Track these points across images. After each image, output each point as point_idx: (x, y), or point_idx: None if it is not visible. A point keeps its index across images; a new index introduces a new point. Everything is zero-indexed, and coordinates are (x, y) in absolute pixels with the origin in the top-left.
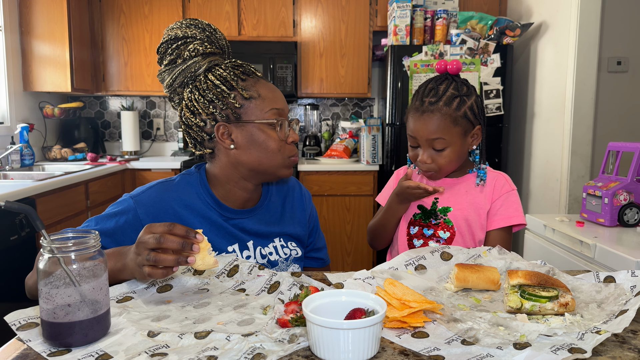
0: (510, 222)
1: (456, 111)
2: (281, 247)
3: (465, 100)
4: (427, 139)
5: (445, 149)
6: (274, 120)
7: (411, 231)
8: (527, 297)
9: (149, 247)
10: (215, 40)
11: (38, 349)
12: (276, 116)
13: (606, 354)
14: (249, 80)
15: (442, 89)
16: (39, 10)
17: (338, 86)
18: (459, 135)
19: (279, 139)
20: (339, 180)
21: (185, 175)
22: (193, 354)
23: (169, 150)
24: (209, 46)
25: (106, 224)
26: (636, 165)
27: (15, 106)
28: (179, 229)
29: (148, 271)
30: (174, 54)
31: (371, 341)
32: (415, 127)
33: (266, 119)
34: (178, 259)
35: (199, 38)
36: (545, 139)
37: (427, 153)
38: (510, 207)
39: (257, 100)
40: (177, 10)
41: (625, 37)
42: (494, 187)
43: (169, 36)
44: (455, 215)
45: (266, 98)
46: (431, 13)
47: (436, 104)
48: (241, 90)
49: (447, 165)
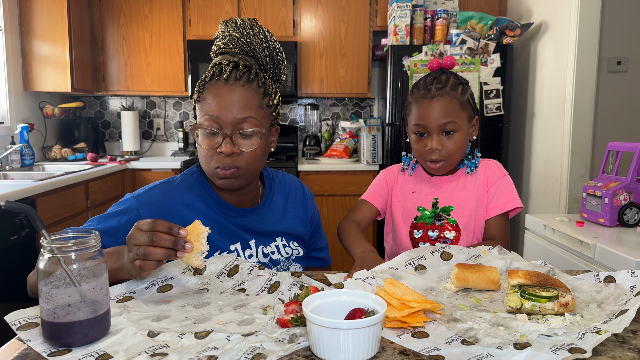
0: (507, 207)
1: (462, 96)
2: (283, 247)
3: (466, 88)
4: (439, 124)
5: (455, 133)
6: (195, 126)
7: (415, 235)
8: (527, 297)
9: (140, 244)
10: (233, 41)
11: (38, 348)
12: (208, 122)
13: (606, 354)
14: (210, 82)
15: (444, 78)
16: (39, 10)
17: (338, 86)
18: (466, 120)
19: (204, 146)
20: (339, 180)
21: (187, 175)
22: (193, 353)
23: (169, 150)
24: (222, 46)
25: (108, 223)
26: (636, 165)
27: (15, 106)
28: (162, 226)
29: (139, 263)
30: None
31: (371, 341)
32: (425, 113)
33: (200, 123)
34: (167, 252)
35: (219, 38)
36: (545, 139)
37: (437, 139)
38: (504, 192)
39: (201, 103)
40: (177, 10)
41: (625, 37)
42: (487, 175)
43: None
44: (458, 213)
45: (207, 102)
46: (431, 13)
47: (443, 89)
48: (197, 93)
49: (456, 152)
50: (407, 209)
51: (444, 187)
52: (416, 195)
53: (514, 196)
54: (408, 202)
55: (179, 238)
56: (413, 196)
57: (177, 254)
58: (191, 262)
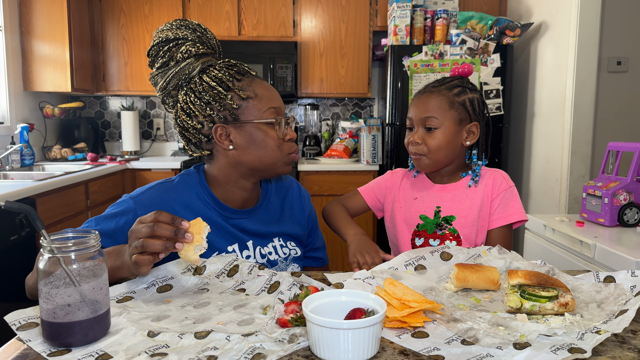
0: (510, 220)
1: (455, 96)
2: (280, 247)
3: (467, 91)
4: (421, 118)
5: (436, 129)
6: (272, 119)
7: (417, 242)
8: (527, 297)
9: (141, 237)
10: (207, 41)
11: (38, 349)
12: (274, 115)
13: (606, 354)
14: (245, 80)
15: (448, 79)
16: (39, 10)
17: (338, 86)
18: (452, 120)
19: (277, 137)
20: (339, 180)
21: (185, 176)
22: (193, 353)
23: (169, 150)
24: (201, 47)
25: (106, 225)
26: (636, 165)
27: (15, 106)
28: (165, 217)
29: (135, 258)
30: (166, 56)
31: (371, 341)
32: (413, 107)
33: (264, 118)
34: (166, 244)
35: (190, 39)
36: (545, 139)
37: (419, 133)
38: (509, 204)
39: (254, 100)
40: (177, 10)
41: (625, 37)
42: (492, 185)
43: (159, 38)
44: (460, 223)
45: (263, 97)
46: (431, 13)
47: (438, 87)
48: (237, 90)
49: (436, 150)
50: (410, 216)
51: (447, 195)
52: (418, 202)
53: (519, 208)
54: (411, 208)
55: (180, 228)
56: (415, 203)
57: (176, 245)
58: (189, 257)
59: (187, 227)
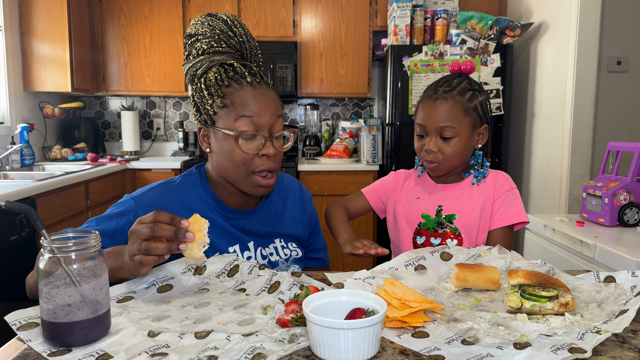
0: (511, 221)
1: (468, 102)
2: (282, 248)
3: (477, 94)
4: (437, 127)
5: (453, 138)
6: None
7: (418, 241)
8: (527, 297)
9: (142, 238)
10: (227, 39)
11: (38, 349)
12: (247, 126)
13: (606, 353)
14: (233, 87)
15: (456, 82)
16: (39, 10)
17: (338, 86)
18: (468, 126)
19: (243, 151)
20: (339, 180)
21: (186, 176)
22: (193, 353)
23: (169, 150)
24: (215, 45)
25: (107, 225)
26: (636, 165)
27: (15, 106)
28: (164, 216)
29: (139, 259)
30: (186, 49)
31: (371, 341)
32: (426, 115)
33: (234, 128)
34: (170, 246)
35: (208, 36)
36: (545, 139)
37: (434, 141)
38: (511, 205)
39: (228, 108)
40: (177, 10)
41: (625, 37)
42: (495, 186)
43: (187, 32)
44: (461, 222)
45: (238, 106)
46: (431, 13)
47: (450, 92)
48: (217, 97)
49: (452, 157)
50: (412, 215)
51: (449, 194)
52: (420, 201)
53: (520, 210)
54: (413, 207)
55: (180, 228)
56: (417, 202)
57: (180, 247)
58: (194, 255)
59: (186, 226)
